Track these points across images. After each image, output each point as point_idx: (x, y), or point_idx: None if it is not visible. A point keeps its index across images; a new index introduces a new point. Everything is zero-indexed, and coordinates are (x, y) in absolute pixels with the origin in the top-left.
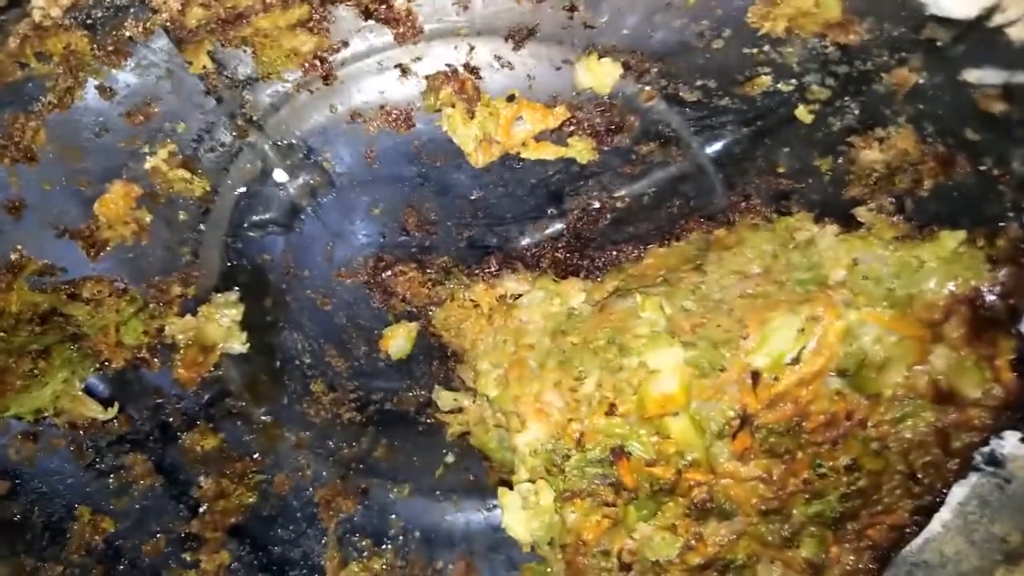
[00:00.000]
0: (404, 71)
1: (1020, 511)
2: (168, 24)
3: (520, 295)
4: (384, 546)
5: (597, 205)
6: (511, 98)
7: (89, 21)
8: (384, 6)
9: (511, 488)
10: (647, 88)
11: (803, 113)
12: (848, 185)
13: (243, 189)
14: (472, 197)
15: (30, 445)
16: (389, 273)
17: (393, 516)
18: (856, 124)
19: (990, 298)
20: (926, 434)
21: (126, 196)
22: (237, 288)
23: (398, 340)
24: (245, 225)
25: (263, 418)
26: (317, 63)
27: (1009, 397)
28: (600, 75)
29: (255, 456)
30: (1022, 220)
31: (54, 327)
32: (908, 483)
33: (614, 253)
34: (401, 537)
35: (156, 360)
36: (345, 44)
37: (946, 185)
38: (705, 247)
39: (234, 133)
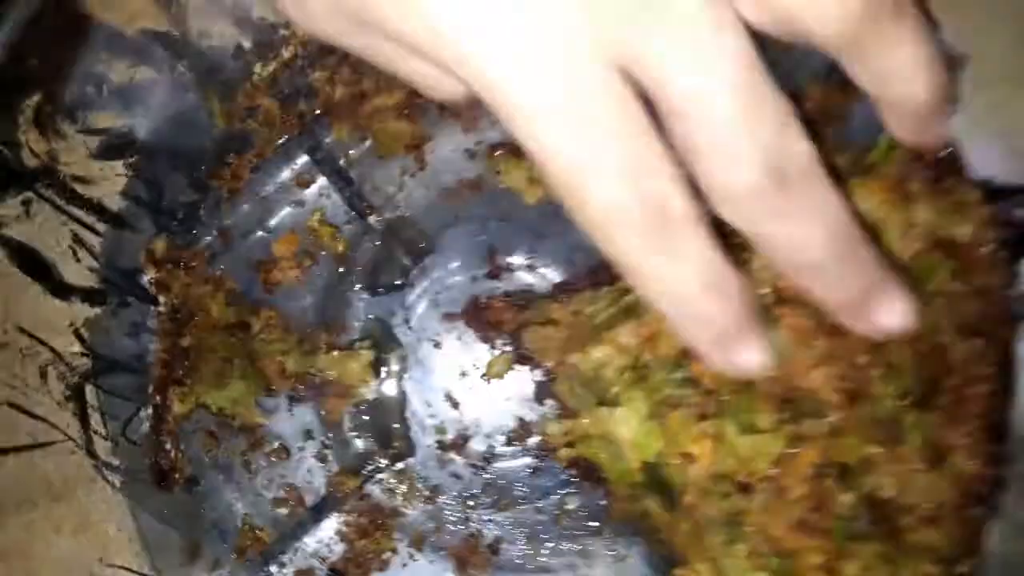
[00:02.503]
0: (472, 154)
1: None
2: (323, 103)
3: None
4: None
5: None
6: None
7: (280, 95)
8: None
9: None
10: None
11: None
12: None
13: (370, 253)
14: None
15: (212, 442)
16: (483, 307)
17: None
18: None
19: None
20: (954, 285)
21: (291, 243)
22: (369, 340)
23: (497, 366)
24: (368, 286)
25: (395, 469)
26: (415, 147)
27: (998, 228)
28: None
29: (390, 508)
30: None
31: (238, 342)
32: (971, 341)
33: None
34: None
35: (308, 393)
36: (431, 138)
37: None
38: None
39: (364, 205)
